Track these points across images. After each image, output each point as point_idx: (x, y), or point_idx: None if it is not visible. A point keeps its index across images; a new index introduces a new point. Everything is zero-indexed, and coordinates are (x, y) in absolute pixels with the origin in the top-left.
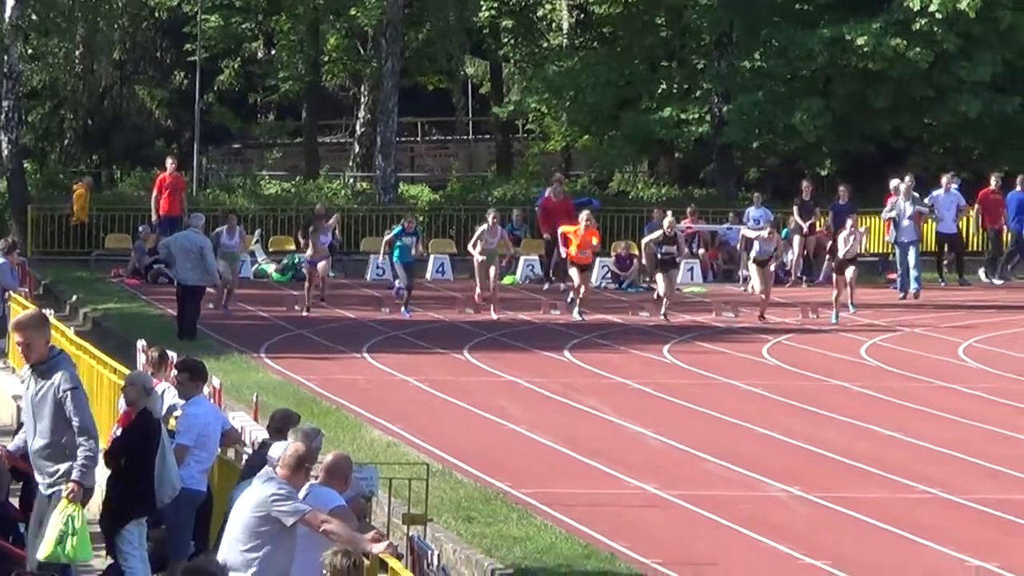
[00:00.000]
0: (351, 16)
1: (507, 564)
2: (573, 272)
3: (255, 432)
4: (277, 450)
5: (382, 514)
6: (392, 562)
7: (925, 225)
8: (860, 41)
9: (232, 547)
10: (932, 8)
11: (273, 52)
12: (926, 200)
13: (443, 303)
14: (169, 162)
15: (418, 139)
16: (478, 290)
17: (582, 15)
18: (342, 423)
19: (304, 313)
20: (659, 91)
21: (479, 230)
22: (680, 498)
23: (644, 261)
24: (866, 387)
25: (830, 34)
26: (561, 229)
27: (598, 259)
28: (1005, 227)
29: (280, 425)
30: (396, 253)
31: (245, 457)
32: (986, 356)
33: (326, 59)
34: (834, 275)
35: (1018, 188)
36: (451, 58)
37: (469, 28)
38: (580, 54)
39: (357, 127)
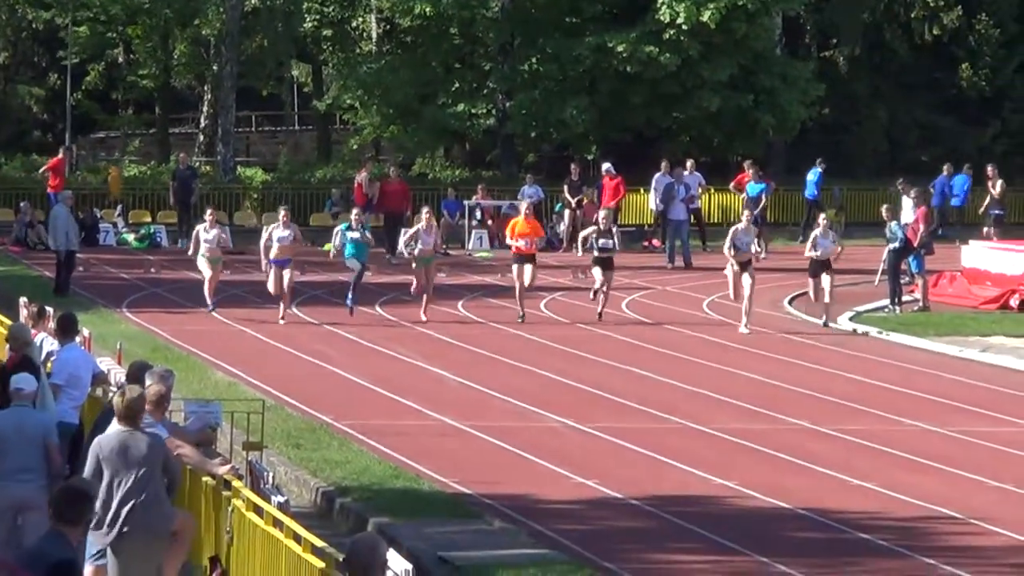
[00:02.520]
0: (196, 27)
1: (330, 483)
2: (515, 267)
3: (119, 374)
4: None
5: (225, 442)
6: (235, 482)
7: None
8: (620, 48)
9: None
10: (679, 20)
11: (132, 56)
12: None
13: None
14: (62, 150)
15: (253, 130)
16: (415, 282)
17: (388, 26)
18: (192, 366)
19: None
20: (453, 89)
21: (414, 229)
22: (473, 428)
23: (580, 252)
24: (627, 336)
25: (595, 42)
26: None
27: (403, 229)
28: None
29: (139, 374)
30: (348, 250)
31: (111, 395)
32: (726, 310)
33: (175, 63)
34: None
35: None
36: (280, 63)
37: (295, 37)
38: (387, 58)
39: (202, 120)
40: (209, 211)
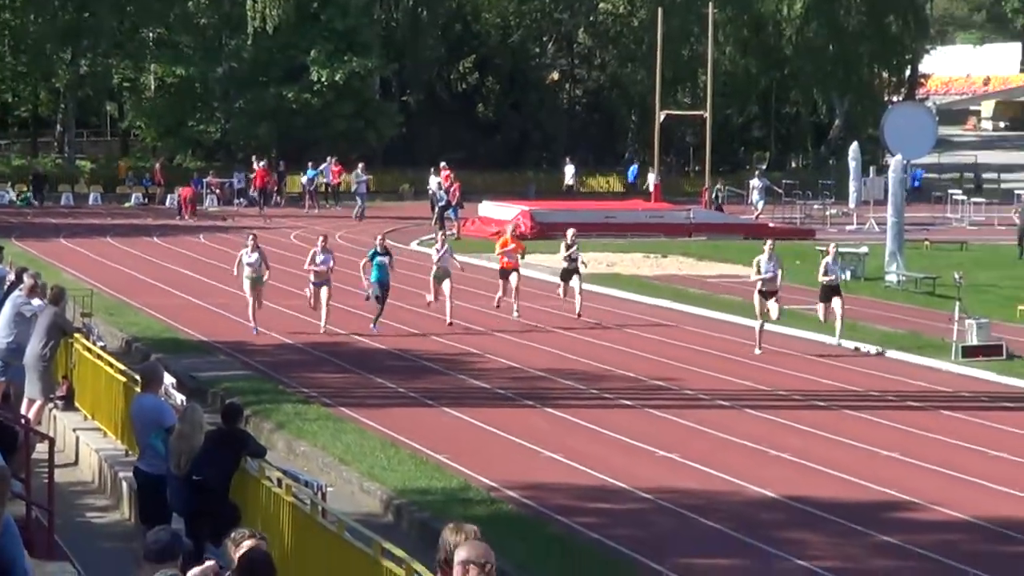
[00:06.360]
0: (51, 81)
1: (129, 335)
2: (502, 279)
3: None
4: None
5: (71, 312)
6: (76, 335)
7: None
8: (290, 95)
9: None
10: (323, 79)
11: (16, 98)
12: None
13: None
14: None
15: (85, 139)
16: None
17: (161, 81)
18: (49, 271)
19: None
20: (197, 117)
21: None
22: (205, 304)
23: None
24: (283, 249)
25: (276, 92)
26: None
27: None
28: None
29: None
30: (374, 274)
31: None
32: (353, 236)
33: (39, 102)
34: None
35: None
36: (100, 103)
37: (109, 88)
38: (160, 99)
39: (56, 133)
40: (251, 236)
